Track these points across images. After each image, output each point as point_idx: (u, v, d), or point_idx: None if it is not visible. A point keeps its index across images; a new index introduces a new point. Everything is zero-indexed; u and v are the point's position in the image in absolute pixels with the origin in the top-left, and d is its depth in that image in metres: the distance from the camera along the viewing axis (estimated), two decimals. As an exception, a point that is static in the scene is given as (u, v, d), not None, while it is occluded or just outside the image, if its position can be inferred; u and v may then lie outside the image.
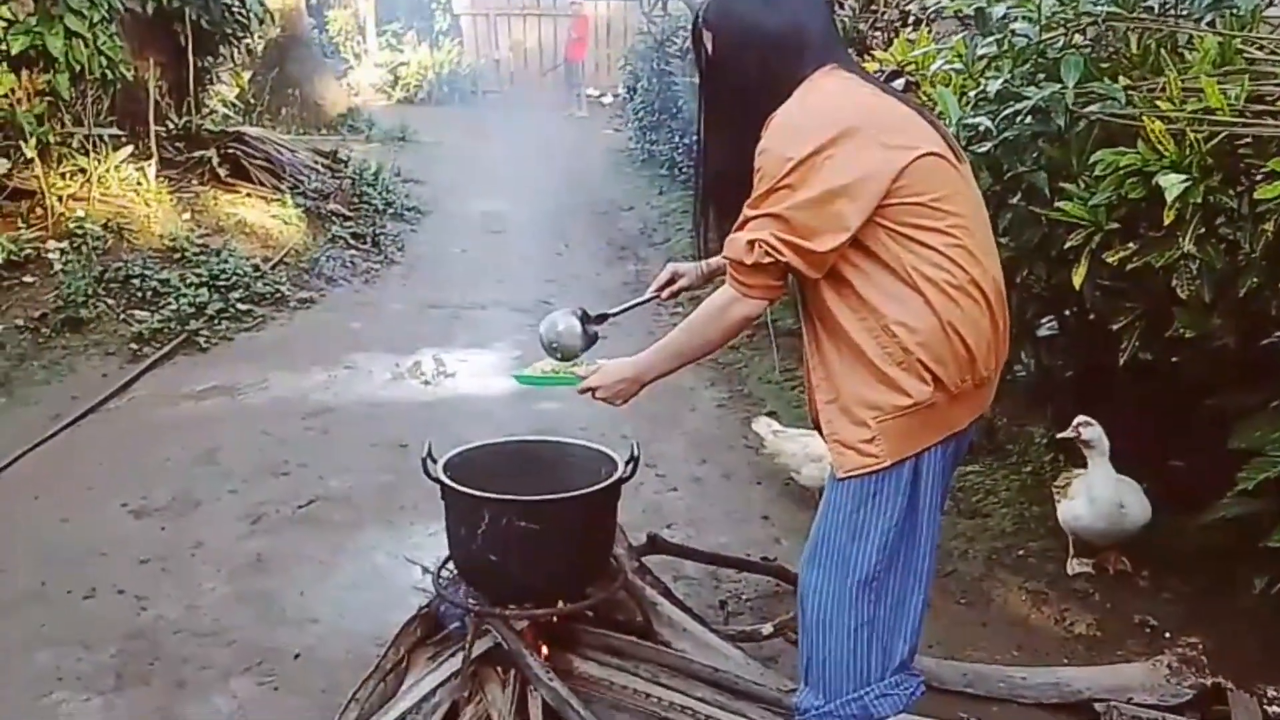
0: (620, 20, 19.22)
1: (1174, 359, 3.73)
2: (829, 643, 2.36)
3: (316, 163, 9.72)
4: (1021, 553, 3.79)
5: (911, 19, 6.36)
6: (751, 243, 2.14)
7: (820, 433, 2.41)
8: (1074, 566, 3.61)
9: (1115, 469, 3.53)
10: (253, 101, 11.48)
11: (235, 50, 9.81)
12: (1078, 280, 3.32)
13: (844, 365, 2.25)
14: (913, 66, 4.33)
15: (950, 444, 2.32)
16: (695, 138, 2.46)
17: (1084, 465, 3.61)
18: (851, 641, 2.34)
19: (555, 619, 2.91)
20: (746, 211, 2.18)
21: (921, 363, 2.18)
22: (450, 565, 3.01)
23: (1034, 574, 3.65)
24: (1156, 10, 3.76)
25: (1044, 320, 4.24)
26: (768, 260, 2.14)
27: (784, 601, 3.47)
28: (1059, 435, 3.69)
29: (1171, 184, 2.96)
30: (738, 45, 2.26)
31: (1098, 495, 3.49)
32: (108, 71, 7.01)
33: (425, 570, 3.30)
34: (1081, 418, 3.55)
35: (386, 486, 4.37)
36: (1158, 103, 3.17)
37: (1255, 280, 2.98)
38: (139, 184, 7.49)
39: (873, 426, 2.22)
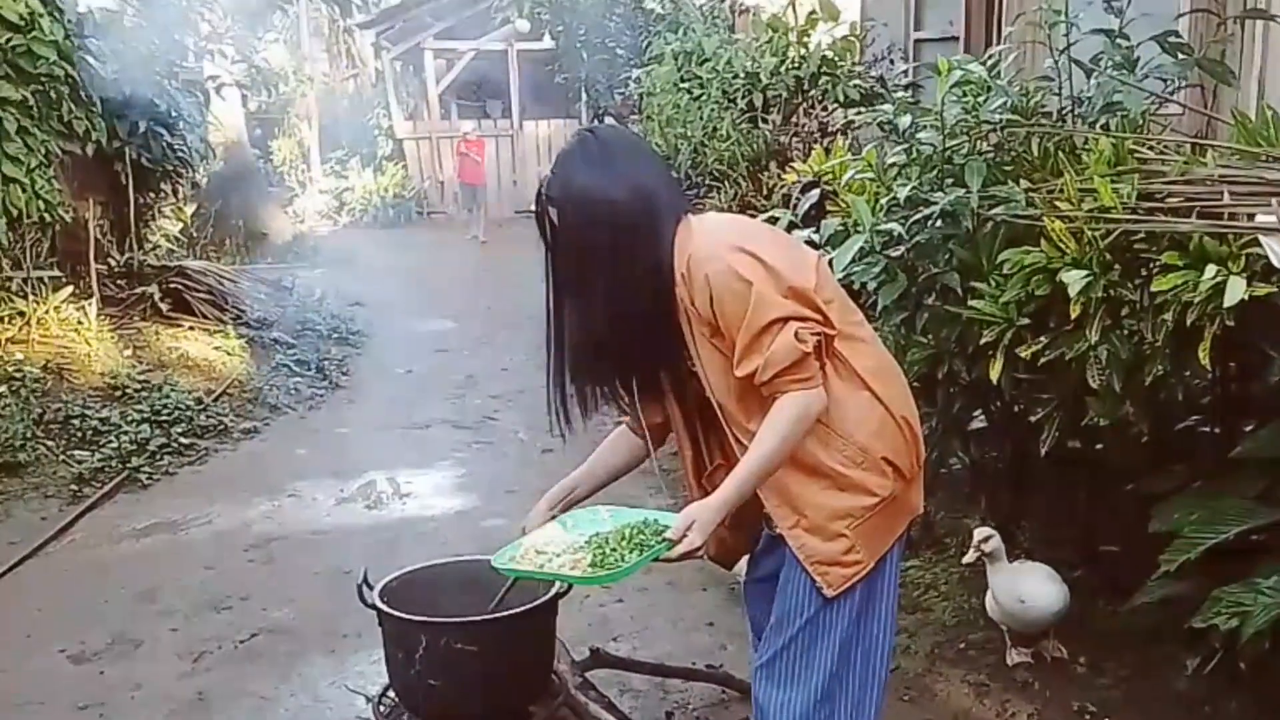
0: (561, 138, 19.64)
1: (1097, 446, 3.85)
2: None
3: (261, 292, 9.79)
4: (963, 645, 3.82)
5: (832, 129, 6.62)
6: (796, 334, 2.15)
7: (717, 563, 2.57)
8: (1013, 657, 3.64)
9: (1046, 558, 3.60)
10: (195, 234, 11.55)
11: (177, 185, 9.90)
12: (994, 374, 3.43)
13: (803, 484, 2.28)
14: (829, 176, 4.49)
15: (906, 533, 2.40)
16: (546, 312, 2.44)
17: (1020, 557, 3.69)
18: None
19: (498, 741, 2.89)
20: (750, 342, 2.17)
21: (884, 458, 2.26)
22: (391, 692, 2.99)
23: (975, 666, 3.69)
24: (1054, 115, 3.96)
25: (974, 414, 4.34)
26: (815, 337, 2.18)
27: (730, 709, 3.48)
28: (964, 560, 3.72)
29: (1074, 279, 3.10)
30: (583, 217, 2.29)
31: (998, 596, 3.58)
32: (46, 214, 7.03)
33: (367, 699, 3.27)
34: (980, 533, 3.59)
35: (330, 615, 4.33)
36: (1057, 203, 3.33)
37: (1161, 368, 3.09)
38: (79, 323, 7.48)
39: (850, 535, 2.26)
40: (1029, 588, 3.52)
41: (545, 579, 2.43)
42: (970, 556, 3.61)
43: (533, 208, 2.41)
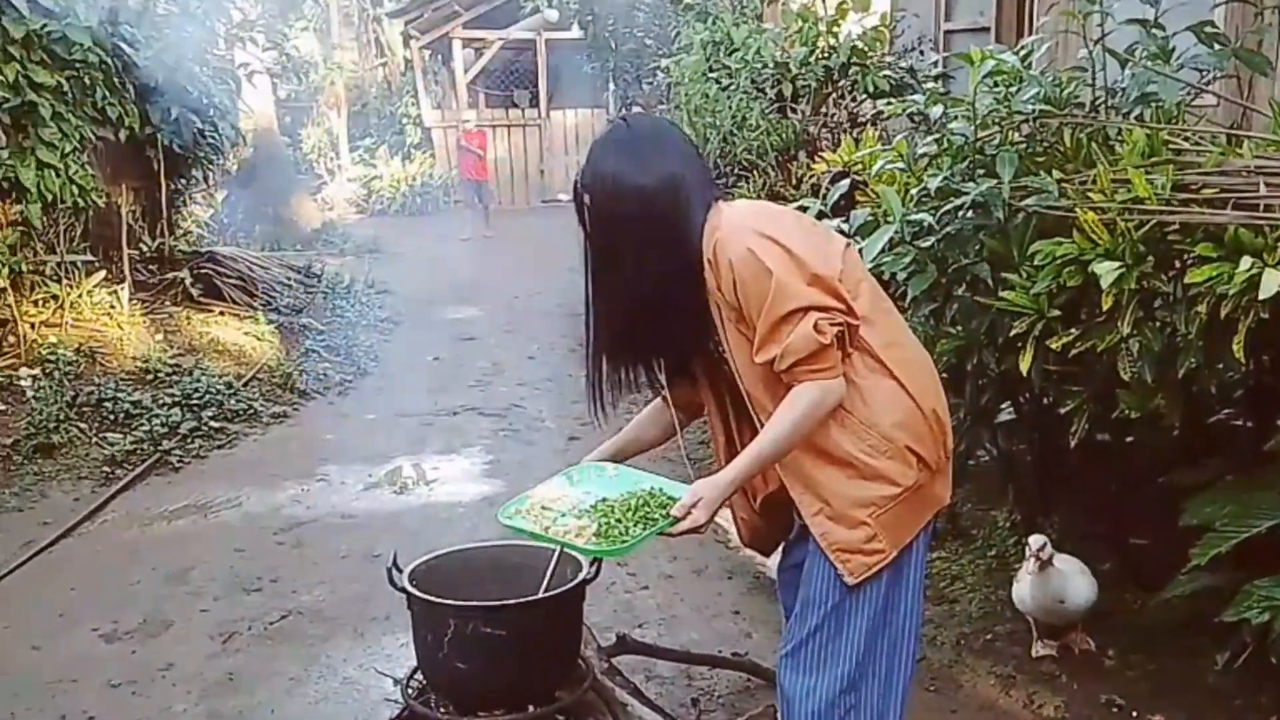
0: (588, 127, 19.63)
1: (1128, 439, 3.82)
2: None
3: (290, 278, 9.85)
4: (989, 637, 3.81)
5: (862, 120, 6.59)
6: (815, 325, 2.15)
7: (754, 549, 2.59)
8: (1039, 649, 3.63)
9: (1075, 550, 3.59)
10: (226, 220, 11.63)
11: (208, 172, 9.97)
12: (1025, 366, 3.41)
13: (826, 472, 2.28)
14: (858, 167, 4.48)
15: (932, 524, 2.40)
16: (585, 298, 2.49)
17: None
18: None
19: (525, 725, 2.91)
20: (769, 330, 2.18)
21: (908, 447, 2.25)
22: (419, 675, 3.02)
23: (1002, 658, 3.68)
24: (1087, 106, 3.93)
25: (1003, 406, 4.33)
26: (836, 328, 2.17)
27: (755, 696, 3.49)
28: (1028, 571, 3.56)
29: (1106, 271, 3.08)
30: (613, 203, 2.32)
31: (1038, 592, 3.53)
32: (79, 199, 7.10)
33: (395, 681, 3.30)
34: (1036, 541, 3.50)
35: (358, 598, 4.37)
36: (1090, 194, 3.31)
37: (1193, 361, 3.07)
38: (112, 308, 7.56)
39: (872, 524, 2.27)
40: (1069, 583, 3.47)
41: (548, 543, 2.43)
42: (1032, 566, 3.50)
43: (559, 197, 2.44)
